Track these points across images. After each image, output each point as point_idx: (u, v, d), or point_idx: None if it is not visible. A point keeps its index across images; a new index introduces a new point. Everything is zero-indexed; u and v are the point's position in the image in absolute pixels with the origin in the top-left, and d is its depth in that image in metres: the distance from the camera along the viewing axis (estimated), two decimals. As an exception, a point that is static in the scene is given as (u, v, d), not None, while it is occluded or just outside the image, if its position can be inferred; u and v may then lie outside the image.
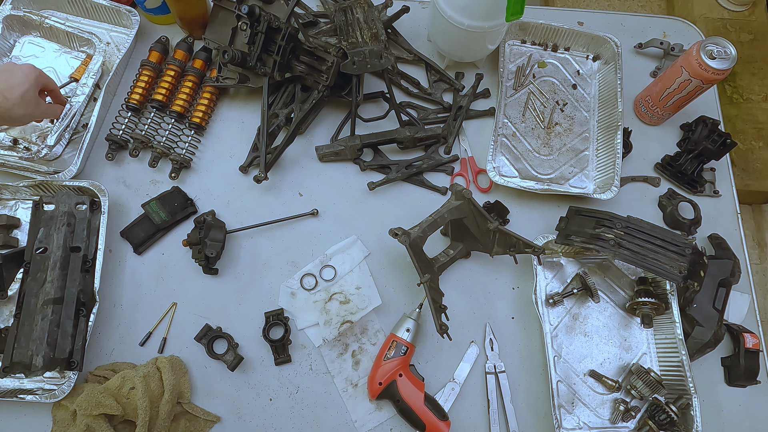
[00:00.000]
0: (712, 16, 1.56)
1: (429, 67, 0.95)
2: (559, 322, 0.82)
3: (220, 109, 0.91)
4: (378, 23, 0.90)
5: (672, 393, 0.77)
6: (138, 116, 0.87)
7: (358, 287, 0.81)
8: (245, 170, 0.86)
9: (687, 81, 0.84)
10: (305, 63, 0.83)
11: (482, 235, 0.79)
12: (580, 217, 0.81)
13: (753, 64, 1.50)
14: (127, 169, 0.86)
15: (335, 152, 0.87)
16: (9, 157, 0.80)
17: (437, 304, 0.72)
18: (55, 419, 0.71)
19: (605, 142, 0.91)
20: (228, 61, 0.78)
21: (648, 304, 0.79)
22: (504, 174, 0.89)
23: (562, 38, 0.98)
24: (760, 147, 1.41)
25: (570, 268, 0.85)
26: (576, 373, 0.80)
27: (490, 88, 0.96)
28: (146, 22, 0.93)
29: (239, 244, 0.83)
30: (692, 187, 0.92)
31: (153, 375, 0.71)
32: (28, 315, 0.69)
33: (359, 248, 0.84)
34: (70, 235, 0.74)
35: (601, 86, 0.97)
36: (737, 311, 0.86)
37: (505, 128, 0.93)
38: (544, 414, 0.77)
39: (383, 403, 0.76)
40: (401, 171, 0.88)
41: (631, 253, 0.75)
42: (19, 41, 0.89)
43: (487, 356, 0.80)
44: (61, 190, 0.78)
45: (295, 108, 0.86)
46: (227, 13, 0.87)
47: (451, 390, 0.78)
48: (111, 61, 0.90)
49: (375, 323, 0.80)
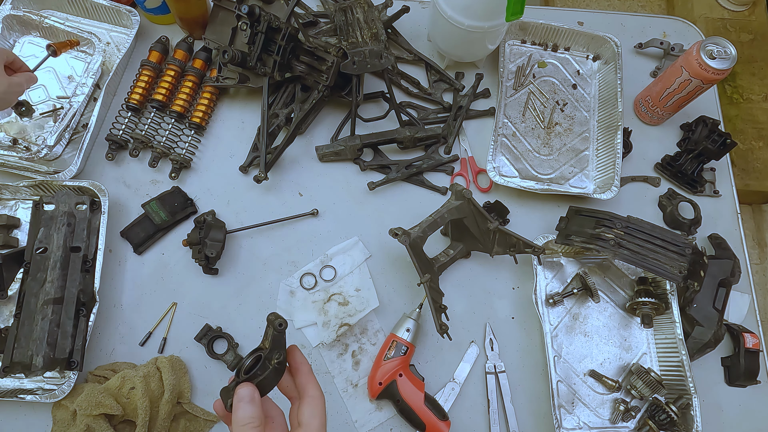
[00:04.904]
0: (712, 16, 1.56)
1: (429, 67, 0.95)
2: (559, 322, 0.82)
3: (220, 109, 0.91)
4: (378, 23, 0.90)
5: (672, 393, 0.77)
6: (138, 116, 0.87)
7: (357, 289, 0.81)
8: (245, 170, 0.86)
9: (687, 81, 0.84)
10: (305, 63, 0.83)
11: (482, 235, 0.79)
12: (580, 217, 0.81)
13: (753, 64, 1.50)
14: (127, 169, 0.86)
15: (335, 152, 0.87)
16: (9, 157, 0.80)
17: (437, 304, 0.72)
18: (55, 419, 0.71)
19: (605, 142, 0.91)
20: (228, 61, 0.78)
21: (648, 304, 0.79)
22: (504, 174, 0.89)
23: (562, 38, 0.98)
24: (760, 147, 1.41)
25: (570, 268, 0.85)
26: (576, 373, 0.80)
27: (490, 88, 0.96)
28: (146, 22, 0.93)
29: (239, 244, 0.83)
30: (692, 187, 0.92)
31: (153, 375, 0.71)
32: (28, 315, 0.69)
33: (360, 250, 0.84)
34: (70, 235, 0.74)
35: (601, 86, 0.97)
36: (737, 311, 0.86)
37: (505, 128, 0.93)
38: (544, 414, 0.77)
39: (383, 403, 0.76)
40: (401, 171, 0.88)
41: (631, 253, 0.75)
42: (19, 41, 0.89)
43: (487, 356, 0.80)
44: (61, 190, 0.78)
45: (295, 108, 0.86)
46: (227, 13, 0.87)
47: (451, 390, 0.78)
48: (111, 61, 0.90)
49: (375, 323, 0.80)
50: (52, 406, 0.71)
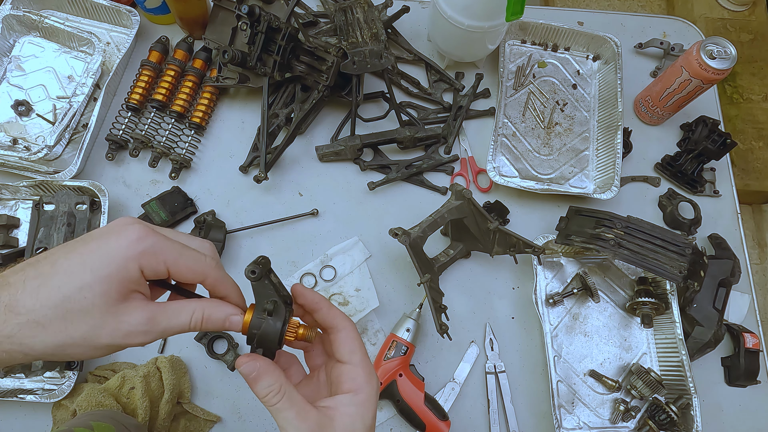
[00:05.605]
0: (712, 16, 1.56)
1: (429, 67, 0.95)
2: (559, 322, 0.82)
3: (220, 109, 0.91)
4: (378, 23, 0.90)
5: (672, 393, 0.77)
6: (138, 116, 0.87)
7: (357, 289, 0.81)
8: (245, 170, 0.86)
9: (687, 81, 0.84)
10: (305, 63, 0.83)
11: (482, 235, 0.79)
12: (580, 217, 0.81)
13: (753, 64, 1.51)
14: (127, 169, 0.86)
15: (335, 152, 0.87)
16: (9, 157, 0.80)
17: (437, 304, 0.72)
18: (55, 419, 0.71)
19: (605, 142, 0.91)
20: (228, 61, 0.78)
21: (648, 304, 0.79)
22: (504, 174, 0.89)
23: (562, 38, 0.98)
24: (760, 147, 1.41)
25: (570, 268, 0.85)
26: (576, 373, 0.80)
27: (490, 88, 0.96)
28: (146, 22, 0.93)
29: (239, 244, 0.83)
30: (692, 187, 0.92)
31: (153, 375, 0.71)
32: (28, 315, 0.69)
33: (360, 250, 0.84)
34: (70, 235, 0.74)
35: (601, 86, 0.97)
36: (737, 311, 0.86)
37: (505, 128, 0.93)
38: (544, 414, 0.77)
39: (383, 403, 0.76)
40: (401, 171, 0.88)
41: (631, 253, 0.75)
42: (18, 41, 0.89)
43: (487, 356, 0.80)
44: (61, 190, 0.78)
45: (295, 108, 0.86)
46: (227, 13, 0.87)
47: (451, 390, 0.78)
48: (111, 61, 0.90)
49: (375, 323, 0.80)
50: (52, 406, 0.71)
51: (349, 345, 0.41)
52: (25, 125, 0.85)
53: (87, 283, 0.33)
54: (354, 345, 0.41)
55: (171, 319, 0.37)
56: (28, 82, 0.87)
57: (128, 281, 0.34)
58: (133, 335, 0.35)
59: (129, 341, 0.35)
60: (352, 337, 0.42)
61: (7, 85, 0.86)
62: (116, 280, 0.34)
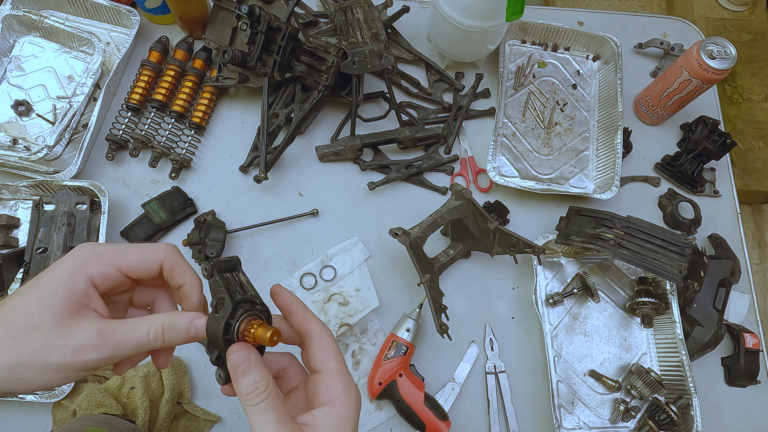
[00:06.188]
0: (712, 16, 1.56)
1: (429, 67, 0.95)
2: (559, 322, 0.82)
3: (220, 109, 0.91)
4: (378, 23, 0.90)
5: (672, 393, 0.77)
6: (138, 116, 0.87)
7: (357, 289, 0.81)
8: (245, 170, 0.86)
9: (687, 81, 0.84)
10: (305, 63, 0.83)
11: (482, 235, 0.79)
12: (580, 217, 0.81)
13: (753, 64, 1.50)
14: (127, 169, 0.86)
15: (335, 152, 0.87)
16: (9, 157, 0.80)
17: (437, 304, 0.72)
18: (55, 419, 0.71)
19: (605, 142, 0.91)
20: (228, 61, 0.78)
21: (648, 304, 0.79)
22: (504, 174, 0.89)
23: (562, 38, 0.98)
24: (760, 147, 1.41)
25: (570, 268, 0.85)
26: (576, 373, 0.80)
27: (490, 88, 0.96)
28: (146, 22, 0.93)
29: (239, 244, 0.83)
30: (692, 187, 0.92)
31: (153, 375, 0.71)
32: (28, 315, 0.69)
33: (360, 250, 0.84)
34: (70, 235, 0.74)
35: (601, 86, 0.97)
36: (737, 311, 0.86)
37: (505, 128, 0.93)
38: (544, 414, 0.77)
39: (383, 403, 0.76)
40: (401, 171, 0.88)
41: (631, 253, 0.75)
42: (18, 41, 0.89)
43: (487, 356, 0.80)
44: (61, 190, 0.78)
45: (295, 108, 0.86)
46: (227, 13, 0.87)
47: (451, 390, 0.78)
48: (111, 61, 0.90)
49: (375, 323, 0.80)
50: (52, 406, 0.71)
51: (323, 352, 0.39)
52: (25, 125, 0.85)
53: (34, 299, 0.34)
54: (328, 352, 0.39)
55: (126, 332, 0.35)
56: (28, 82, 0.87)
57: (76, 293, 0.35)
58: (84, 349, 0.34)
59: (80, 357, 0.34)
60: (326, 343, 0.39)
61: (7, 85, 0.86)
62: (62, 293, 0.34)
